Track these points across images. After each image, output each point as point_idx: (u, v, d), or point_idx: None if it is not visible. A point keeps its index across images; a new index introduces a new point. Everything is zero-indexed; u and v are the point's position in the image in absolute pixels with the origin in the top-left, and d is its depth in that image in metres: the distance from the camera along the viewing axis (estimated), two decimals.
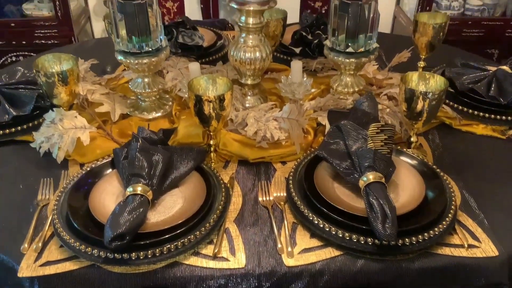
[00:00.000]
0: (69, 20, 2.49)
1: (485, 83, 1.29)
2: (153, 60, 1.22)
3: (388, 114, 1.21)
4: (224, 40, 1.72)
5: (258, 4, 1.16)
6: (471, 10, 2.55)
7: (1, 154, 1.18)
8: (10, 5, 2.64)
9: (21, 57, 2.56)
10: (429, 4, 2.44)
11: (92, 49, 1.73)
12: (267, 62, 1.27)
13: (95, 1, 2.86)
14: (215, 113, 1.05)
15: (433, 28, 1.37)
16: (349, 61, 1.23)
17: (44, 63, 1.16)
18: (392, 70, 1.46)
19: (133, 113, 1.30)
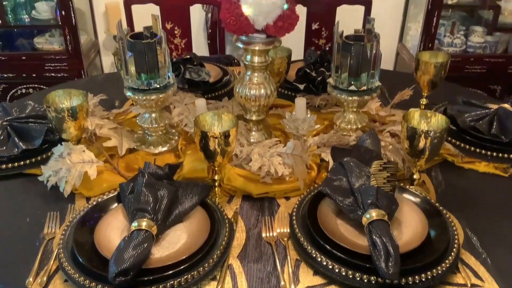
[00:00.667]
0: (79, 54, 2.55)
1: (487, 121, 1.31)
2: (161, 97, 1.25)
3: (390, 151, 1.22)
4: (230, 75, 1.76)
5: (263, 44, 1.20)
6: (473, 47, 2.59)
7: (10, 187, 1.20)
8: (22, 39, 2.72)
9: (31, 89, 2.62)
10: (431, 41, 2.49)
11: (101, 84, 1.77)
12: (271, 99, 1.30)
13: (104, 35, 2.94)
14: (220, 149, 1.07)
15: (435, 67, 1.40)
16: (352, 99, 1.25)
17: (54, 99, 1.19)
18: (395, 107, 1.48)
19: (140, 147, 1.32)
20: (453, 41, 2.57)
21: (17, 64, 2.56)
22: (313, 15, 2.13)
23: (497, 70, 2.53)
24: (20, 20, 2.60)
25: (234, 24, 1.14)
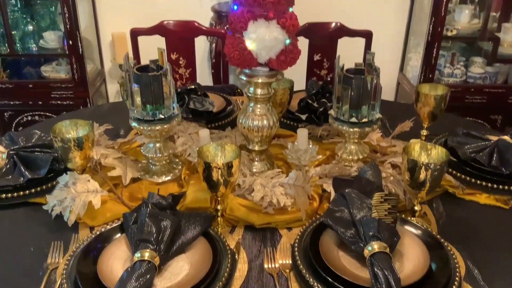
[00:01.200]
0: (85, 83, 2.60)
1: (487, 153, 1.32)
2: (165, 127, 1.27)
3: (392, 182, 1.23)
4: (233, 105, 1.79)
5: (266, 77, 1.22)
6: (473, 77, 2.63)
7: (14, 215, 1.21)
8: (29, 67, 2.78)
9: (36, 117, 2.65)
10: (431, 72, 2.52)
11: (106, 113, 1.80)
12: (274, 129, 1.32)
13: (110, 64, 2.99)
14: (223, 179, 1.09)
15: (435, 99, 1.43)
16: (353, 130, 1.27)
17: (61, 129, 1.22)
18: (395, 138, 1.50)
19: (144, 176, 1.33)
20: (453, 72, 2.61)
21: (24, 92, 2.60)
22: (315, 46, 2.18)
23: (497, 101, 2.55)
24: (28, 49, 2.66)
25: (238, 58, 1.17)
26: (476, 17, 2.63)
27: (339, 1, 2.79)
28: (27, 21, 2.65)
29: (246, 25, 1.14)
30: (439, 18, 2.42)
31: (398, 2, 2.84)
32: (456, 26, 2.55)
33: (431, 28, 2.46)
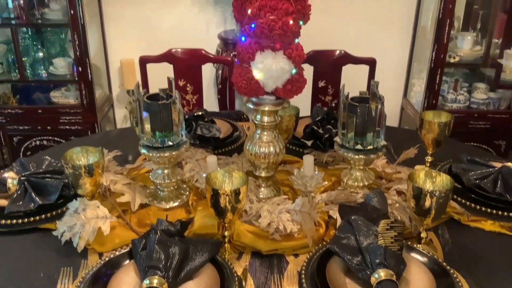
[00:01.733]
0: (93, 108, 2.64)
1: (491, 180, 1.34)
2: (174, 154, 1.30)
3: (397, 209, 1.25)
4: (239, 131, 1.81)
5: (273, 105, 1.25)
6: (476, 103, 2.66)
7: (24, 241, 1.23)
8: (39, 93, 2.83)
9: (45, 141, 2.69)
10: (435, 98, 2.55)
11: (115, 139, 1.83)
12: (280, 156, 1.34)
13: (118, 89, 3.05)
14: (231, 206, 1.10)
15: (438, 126, 1.45)
16: (358, 157, 1.29)
17: (72, 156, 1.24)
18: (400, 164, 1.52)
19: (152, 202, 1.35)
20: (456, 98, 2.64)
21: (33, 117, 2.64)
22: (319, 73, 2.22)
23: (501, 126, 2.57)
24: (38, 75, 2.72)
25: (246, 87, 1.20)
26: (478, 44, 2.68)
27: (343, 29, 2.85)
28: (38, 48, 2.72)
29: (253, 55, 1.18)
30: (442, 45, 2.46)
31: (401, 30, 2.90)
32: (458, 53, 2.59)
33: (434, 55, 2.50)
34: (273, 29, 1.15)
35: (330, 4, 2.80)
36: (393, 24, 2.88)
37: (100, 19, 2.84)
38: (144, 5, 2.84)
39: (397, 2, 2.82)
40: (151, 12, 2.86)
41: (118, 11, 2.85)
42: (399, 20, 2.87)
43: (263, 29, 1.15)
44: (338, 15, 2.84)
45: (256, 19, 1.16)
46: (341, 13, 2.84)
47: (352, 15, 2.85)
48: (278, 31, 1.15)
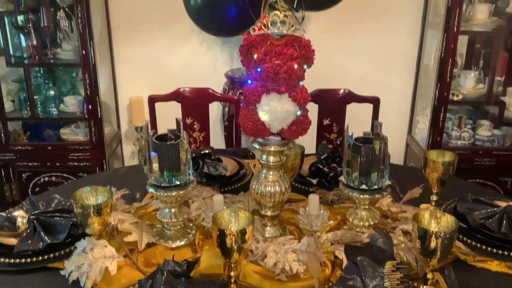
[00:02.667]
0: (102, 145, 2.68)
1: (496, 220, 1.34)
2: (181, 193, 1.32)
3: (403, 249, 1.25)
4: (245, 169, 1.84)
5: (278, 146, 1.28)
6: (481, 140, 2.67)
7: (32, 280, 1.24)
8: (49, 130, 2.88)
9: (53, 177, 2.72)
10: (439, 135, 2.57)
11: (123, 176, 1.86)
12: (286, 195, 1.36)
13: (127, 126, 3.10)
14: (237, 246, 1.11)
15: (443, 166, 1.46)
16: (364, 197, 1.31)
17: (81, 195, 1.27)
18: (406, 203, 1.53)
19: (159, 241, 1.36)
20: (461, 135, 2.65)
21: (43, 154, 2.68)
22: (324, 111, 2.25)
23: (506, 163, 2.58)
24: (49, 112, 2.77)
25: (252, 129, 1.23)
26: (481, 82, 2.72)
27: (347, 68, 2.90)
28: (49, 86, 2.78)
29: (259, 98, 1.21)
30: (445, 84, 2.50)
31: (404, 68, 2.95)
32: (461, 91, 2.63)
33: (437, 93, 2.54)
34: (278, 73, 1.19)
35: (334, 44, 2.87)
36: (396, 63, 2.94)
37: (110, 58, 2.92)
38: (154, 45, 2.93)
39: (400, 41, 2.89)
40: (160, 51, 2.94)
41: (128, 51, 2.93)
42: (402, 58, 2.93)
43: (268, 73, 1.19)
44: (342, 54, 2.90)
45: (262, 64, 1.21)
46: (345, 52, 2.91)
47: (356, 54, 2.91)
48: (283, 75, 1.19)
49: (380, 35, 2.87)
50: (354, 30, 2.86)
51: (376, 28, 2.86)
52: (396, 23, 2.86)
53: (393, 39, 2.88)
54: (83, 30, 2.45)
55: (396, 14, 2.84)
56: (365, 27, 2.85)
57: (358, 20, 2.82)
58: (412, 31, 2.87)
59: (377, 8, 2.82)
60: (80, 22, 2.44)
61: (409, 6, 2.83)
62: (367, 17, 2.82)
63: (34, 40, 2.58)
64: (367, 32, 2.86)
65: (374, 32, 2.87)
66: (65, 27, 2.70)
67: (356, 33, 2.87)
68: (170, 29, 2.88)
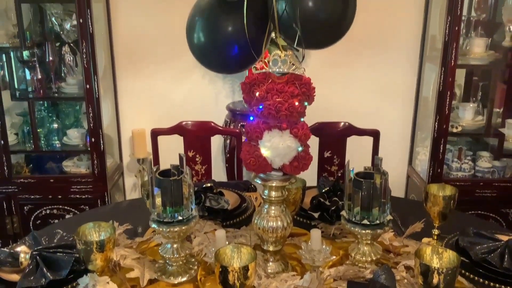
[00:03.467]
0: (104, 177, 2.69)
1: (498, 254, 1.34)
2: (184, 228, 1.33)
3: (405, 285, 1.25)
4: (247, 202, 1.84)
5: (280, 181, 1.30)
6: (481, 171, 2.68)
7: None
8: (52, 162, 2.90)
9: (55, 210, 2.73)
10: (440, 166, 2.59)
11: (125, 210, 1.87)
12: (288, 230, 1.37)
13: (128, 158, 3.12)
14: (239, 282, 1.11)
15: (443, 200, 1.47)
16: (365, 232, 1.31)
17: (84, 231, 1.27)
18: (408, 237, 1.53)
19: (161, 277, 1.36)
20: (461, 166, 2.67)
21: (45, 187, 2.69)
22: (325, 144, 2.28)
23: (507, 194, 2.58)
24: (52, 145, 2.80)
25: (254, 164, 1.25)
26: (480, 114, 2.75)
27: (347, 101, 2.95)
28: (53, 119, 2.82)
29: (261, 135, 1.24)
30: (444, 116, 2.53)
31: (403, 100, 2.99)
32: (460, 123, 2.66)
33: (436, 125, 2.57)
34: (279, 111, 1.21)
35: (334, 76, 2.92)
36: (395, 95, 2.98)
37: (114, 91, 2.97)
38: (156, 78, 2.98)
39: (399, 73, 2.94)
40: (162, 84, 2.99)
41: (131, 84, 2.98)
42: (401, 91, 2.97)
43: (270, 111, 1.22)
44: (342, 87, 2.95)
45: (264, 101, 1.23)
46: (345, 85, 2.95)
47: (356, 86, 2.96)
48: (284, 112, 1.21)
49: (379, 68, 2.92)
50: (353, 63, 2.91)
51: (375, 61, 2.92)
52: (394, 56, 2.91)
53: (392, 72, 2.93)
54: (88, 65, 2.50)
55: (395, 48, 2.90)
56: (364, 60, 2.91)
57: (357, 54, 2.87)
58: (410, 64, 2.93)
59: (376, 42, 2.88)
60: (84, 58, 2.50)
61: (407, 40, 2.89)
62: (366, 50, 2.88)
63: (39, 74, 2.63)
64: (366, 65, 2.92)
65: (373, 65, 2.92)
66: (70, 61, 2.76)
67: (355, 66, 2.92)
68: (173, 62, 2.93)
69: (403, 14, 2.85)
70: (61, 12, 2.71)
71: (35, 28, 2.77)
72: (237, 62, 1.44)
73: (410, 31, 2.88)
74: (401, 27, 2.87)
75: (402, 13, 2.85)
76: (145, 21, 2.87)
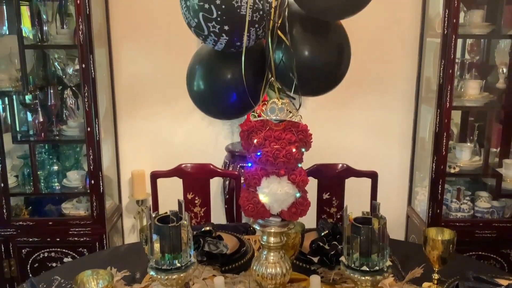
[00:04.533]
0: (103, 219, 2.69)
1: None
2: (182, 276, 1.32)
3: None
4: (246, 246, 1.84)
5: (279, 227, 1.30)
6: (481, 212, 2.68)
7: None
8: (51, 204, 2.90)
9: (53, 253, 2.70)
10: (439, 207, 2.59)
11: (124, 254, 1.86)
12: (287, 277, 1.36)
13: (128, 199, 3.12)
14: None
15: (442, 244, 1.47)
16: (365, 278, 1.30)
17: (83, 279, 1.27)
18: (408, 282, 1.52)
19: None
20: (460, 207, 2.67)
21: (44, 229, 2.68)
22: (323, 186, 2.29)
23: (507, 235, 2.57)
24: (51, 187, 2.80)
25: (252, 210, 1.26)
26: (477, 154, 2.77)
27: (344, 142, 2.98)
28: (53, 161, 2.84)
29: (259, 181, 1.25)
30: (441, 157, 2.55)
31: (400, 141, 3.02)
32: (458, 163, 2.67)
33: (434, 166, 2.58)
34: (277, 157, 1.23)
35: (331, 118, 2.97)
36: (392, 135, 3.01)
37: (114, 133, 3.00)
38: (156, 120, 3.02)
39: (395, 114, 2.98)
40: (162, 125, 3.02)
41: (131, 125, 3.02)
42: (398, 131, 3.01)
43: (268, 157, 1.24)
44: (340, 129, 2.99)
45: (261, 148, 1.26)
46: (342, 127, 3.00)
47: (353, 128, 3.00)
48: (282, 159, 1.23)
49: (375, 109, 2.97)
50: (350, 104, 2.96)
51: (372, 103, 2.97)
52: (390, 98, 2.97)
53: (389, 112, 2.98)
54: (89, 108, 2.55)
55: (391, 89, 2.96)
56: (360, 101, 2.96)
57: (353, 95, 2.93)
58: (406, 105, 2.97)
59: (372, 83, 2.94)
60: (86, 101, 2.54)
61: (402, 82, 2.95)
62: (363, 92, 2.94)
63: (40, 117, 2.67)
64: (363, 106, 2.97)
65: (370, 107, 2.97)
66: (72, 104, 2.80)
67: (352, 107, 2.97)
68: (173, 105, 2.98)
69: (398, 57, 2.93)
70: (64, 57, 2.77)
71: (38, 72, 2.83)
72: (235, 109, 1.48)
73: (405, 73, 2.94)
74: (396, 69, 2.94)
75: (397, 56, 2.92)
76: (146, 65, 2.94)
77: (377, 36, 2.87)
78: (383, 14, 2.82)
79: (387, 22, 2.86)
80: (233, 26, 1.27)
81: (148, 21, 2.88)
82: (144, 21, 2.88)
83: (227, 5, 1.23)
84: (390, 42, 2.90)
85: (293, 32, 1.33)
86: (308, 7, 1.28)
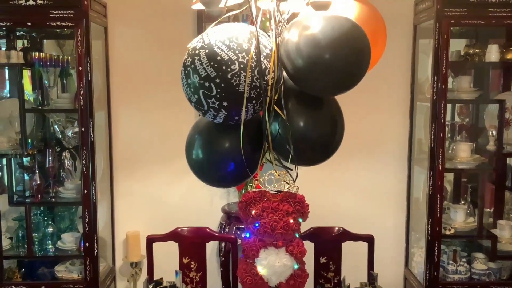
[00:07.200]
0: (96, 283, 2.64)
1: None
2: None
3: None
4: None
5: None
6: (477, 274, 2.66)
7: None
8: (44, 267, 2.85)
9: None
10: (436, 269, 2.58)
11: None
12: None
13: (122, 261, 3.07)
14: None
15: None
16: None
17: None
18: None
19: None
20: (457, 269, 2.65)
21: None
22: (320, 249, 2.28)
23: None
24: (45, 250, 2.77)
25: (251, 283, 1.27)
26: (471, 216, 2.79)
27: (340, 205, 3.01)
28: (48, 223, 2.82)
29: (257, 253, 1.27)
30: (436, 218, 2.57)
31: (395, 202, 3.05)
32: (453, 225, 2.69)
33: (429, 228, 2.59)
34: (275, 229, 1.26)
35: (325, 182, 3.00)
36: (386, 197, 3.05)
37: (110, 194, 3.01)
38: (152, 181, 3.04)
39: (388, 176, 3.03)
40: (158, 186, 3.04)
41: (127, 187, 3.03)
42: (392, 193, 3.04)
43: (266, 229, 1.26)
44: (334, 191, 3.03)
45: (259, 219, 1.28)
46: (336, 189, 3.04)
47: (347, 190, 3.04)
48: (280, 230, 1.26)
49: (369, 172, 3.02)
50: (344, 168, 3.00)
51: (365, 165, 3.02)
52: (383, 160, 3.02)
53: (382, 174, 3.03)
54: (87, 170, 2.57)
55: (383, 152, 3.02)
56: (354, 164, 3.01)
57: (348, 158, 2.97)
58: (399, 167, 3.03)
59: (365, 146, 3.01)
60: (84, 164, 2.57)
61: (394, 144, 3.02)
62: (356, 155, 2.99)
63: (38, 180, 2.68)
64: (357, 169, 3.02)
65: (364, 169, 3.02)
66: (69, 166, 2.83)
67: (346, 170, 3.01)
68: (169, 165, 3.02)
69: (389, 120, 3.01)
70: (63, 119, 2.83)
71: (37, 133, 2.88)
72: (232, 178, 1.51)
73: (397, 136, 3.02)
74: (389, 132, 3.02)
75: (388, 119, 3.01)
76: (143, 127, 3.00)
77: (369, 101, 2.97)
78: (374, 79, 2.92)
79: (378, 86, 2.96)
80: (232, 102, 1.32)
81: (146, 86, 2.97)
82: (142, 85, 2.97)
83: (226, 84, 1.30)
84: (382, 106, 3.00)
85: (288, 106, 1.39)
86: (304, 87, 1.34)
